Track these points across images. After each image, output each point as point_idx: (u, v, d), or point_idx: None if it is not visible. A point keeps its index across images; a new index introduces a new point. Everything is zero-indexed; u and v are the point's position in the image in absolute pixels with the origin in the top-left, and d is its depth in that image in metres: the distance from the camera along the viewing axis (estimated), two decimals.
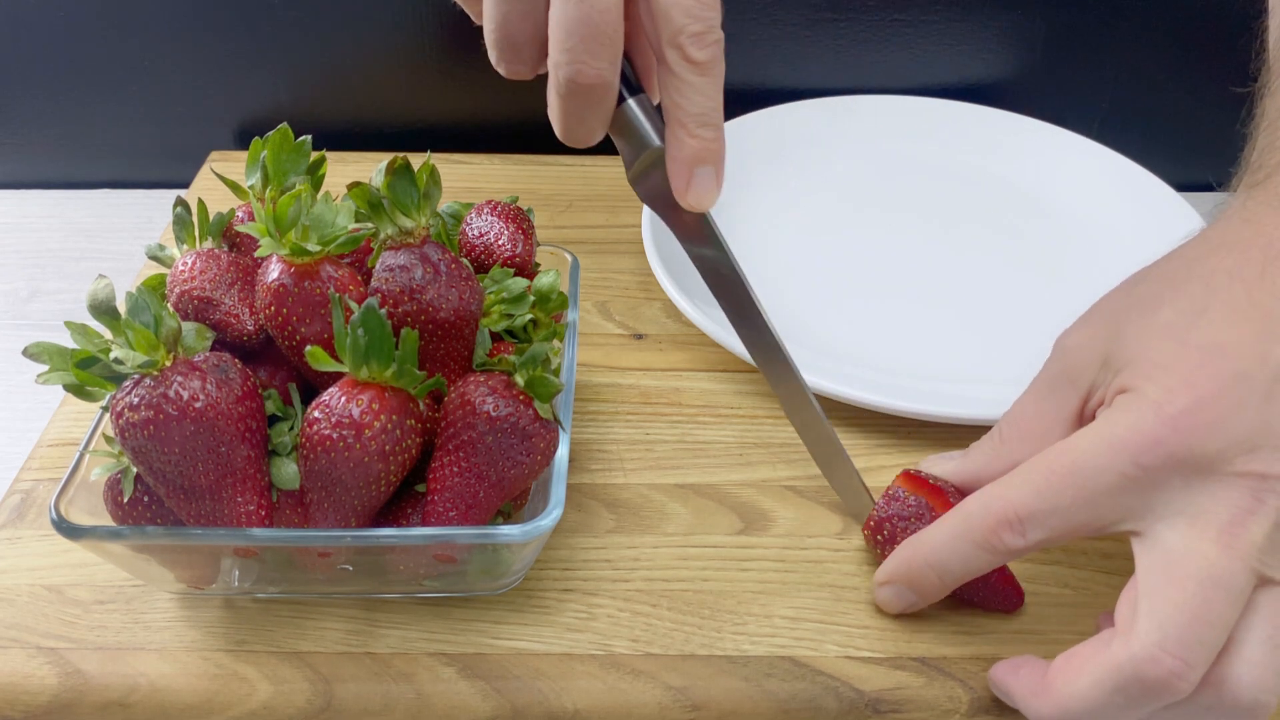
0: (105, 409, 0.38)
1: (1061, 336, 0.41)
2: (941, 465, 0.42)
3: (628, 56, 0.39)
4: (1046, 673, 0.36)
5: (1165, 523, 0.35)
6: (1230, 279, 0.36)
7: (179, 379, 0.35)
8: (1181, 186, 0.62)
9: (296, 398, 0.40)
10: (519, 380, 0.38)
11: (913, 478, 0.42)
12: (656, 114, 0.40)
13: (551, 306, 0.45)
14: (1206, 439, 0.34)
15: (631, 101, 0.40)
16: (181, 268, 0.41)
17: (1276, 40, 0.47)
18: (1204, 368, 0.35)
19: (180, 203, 0.42)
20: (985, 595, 0.41)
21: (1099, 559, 0.44)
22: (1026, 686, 0.37)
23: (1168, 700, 0.33)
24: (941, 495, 0.41)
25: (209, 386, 0.36)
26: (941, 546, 0.38)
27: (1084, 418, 0.39)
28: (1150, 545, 0.35)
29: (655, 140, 0.40)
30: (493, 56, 0.39)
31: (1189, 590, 0.33)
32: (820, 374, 0.49)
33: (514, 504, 0.41)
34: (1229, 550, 0.33)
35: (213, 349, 0.38)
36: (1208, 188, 0.70)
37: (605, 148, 0.71)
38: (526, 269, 0.46)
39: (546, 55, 0.37)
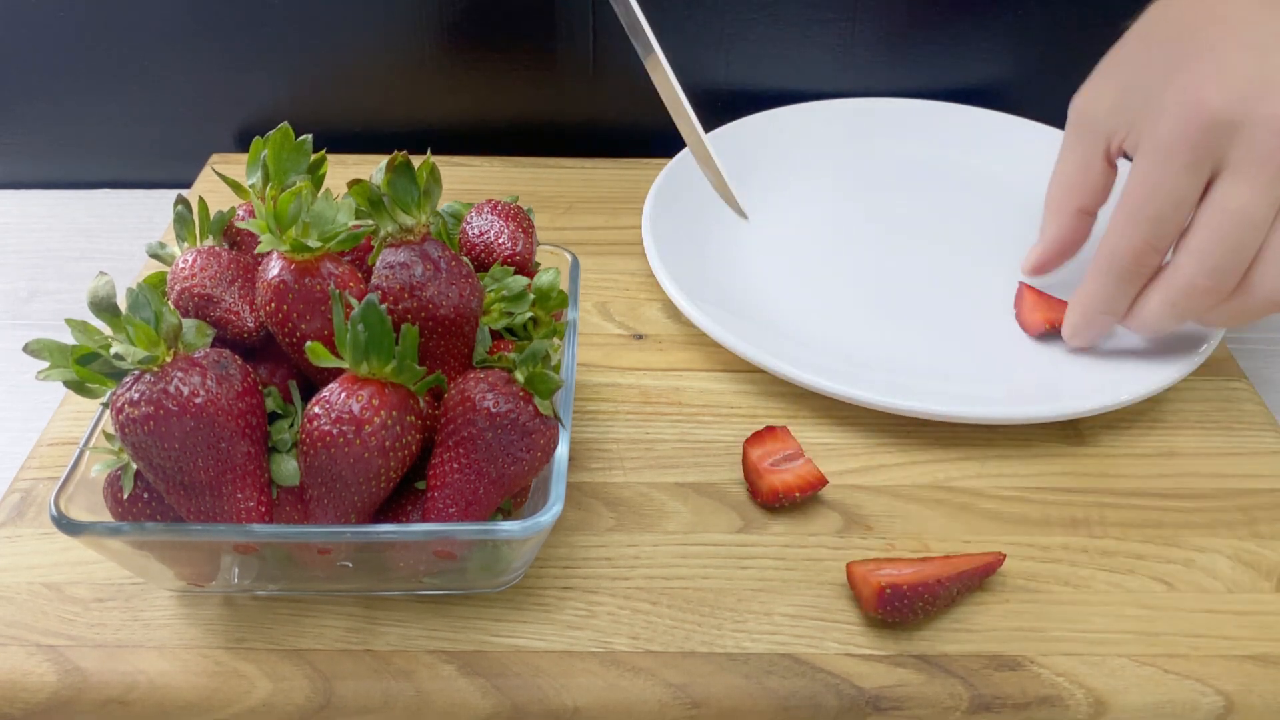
0: (105, 406, 0.38)
1: (1074, 99, 0.50)
2: (1032, 258, 0.54)
3: None
4: (1137, 303, 0.48)
5: (1219, 177, 0.44)
6: (1197, 10, 0.47)
7: (179, 375, 0.35)
8: None
9: (296, 394, 0.40)
10: (519, 377, 0.38)
11: (752, 440, 0.47)
12: None
13: (551, 305, 0.45)
14: (1223, 102, 0.43)
15: None
16: (182, 265, 0.41)
17: None
18: (1198, 69, 0.44)
19: (181, 200, 0.42)
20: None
21: (1099, 557, 0.44)
22: (1128, 318, 0.49)
23: (1212, 305, 0.46)
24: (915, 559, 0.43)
25: (209, 382, 0.36)
26: (1104, 295, 0.48)
27: (1110, 157, 0.50)
28: (1206, 199, 0.44)
29: None
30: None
31: (1220, 228, 0.43)
32: (821, 373, 0.49)
33: (514, 501, 0.41)
34: (1254, 187, 0.43)
35: (213, 346, 0.38)
36: None
37: (606, 150, 0.71)
38: (527, 267, 0.46)
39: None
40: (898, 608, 0.40)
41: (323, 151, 0.42)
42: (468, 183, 0.67)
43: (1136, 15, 0.50)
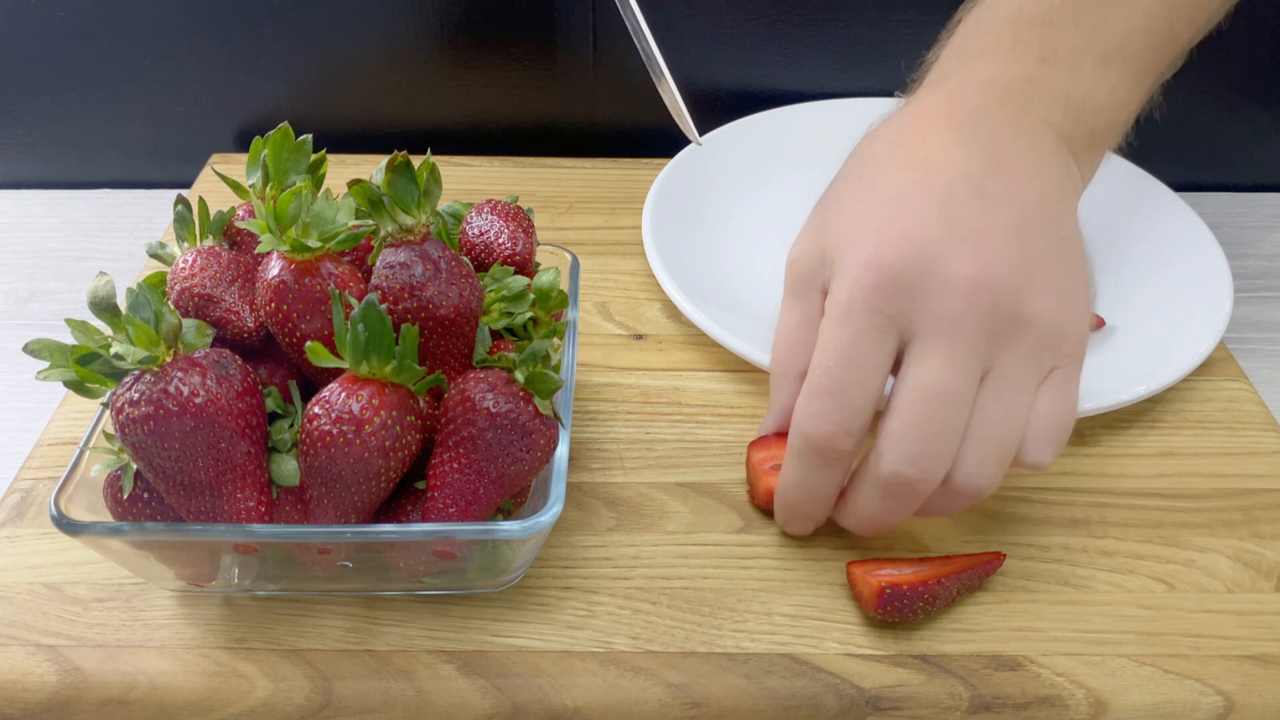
0: (105, 406, 0.38)
1: (788, 255, 0.45)
2: (764, 427, 0.46)
3: None
4: (843, 498, 0.42)
5: (910, 346, 0.39)
6: (891, 148, 0.44)
7: (179, 375, 0.35)
8: (1179, 186, 0.62)
9: (296, 395, 0.40)
10: (519, 377, 0.38)
11: (756, 444, 0.46)
12: None
13: (551, 305, 0.45)
14: (906, 260, 0.38)
15: None
16: (182, 265, 0.41)
17: None
18: (883, 218, 0.40)
19: (181, 200, 0.42)
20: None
21: (1099, 557, 0.44)
22: (838, 512, 0.43)
23: (921, 498, 0.39)
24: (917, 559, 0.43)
25: (209, 382, 0.36)
26: (799, 483, 0.41)
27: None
28: (900, 373, 0.39)
29: None
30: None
31: (918, 408, 0.38)
32: None
33: (514, 501, 0.41)
34: (949, 359, 0.38)
35: (213, 346, 0.38)
36: (1206, 188, 0.70)
37: (606, 150, 0.71)
38: (527, 267, 0.46)
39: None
40: (898, 608, 0.40)
41: (322, 152, 0.42)
42: (468, 183, 0.67)
43: None
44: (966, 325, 0.37)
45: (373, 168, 0.39)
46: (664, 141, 0.64)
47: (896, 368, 0.39)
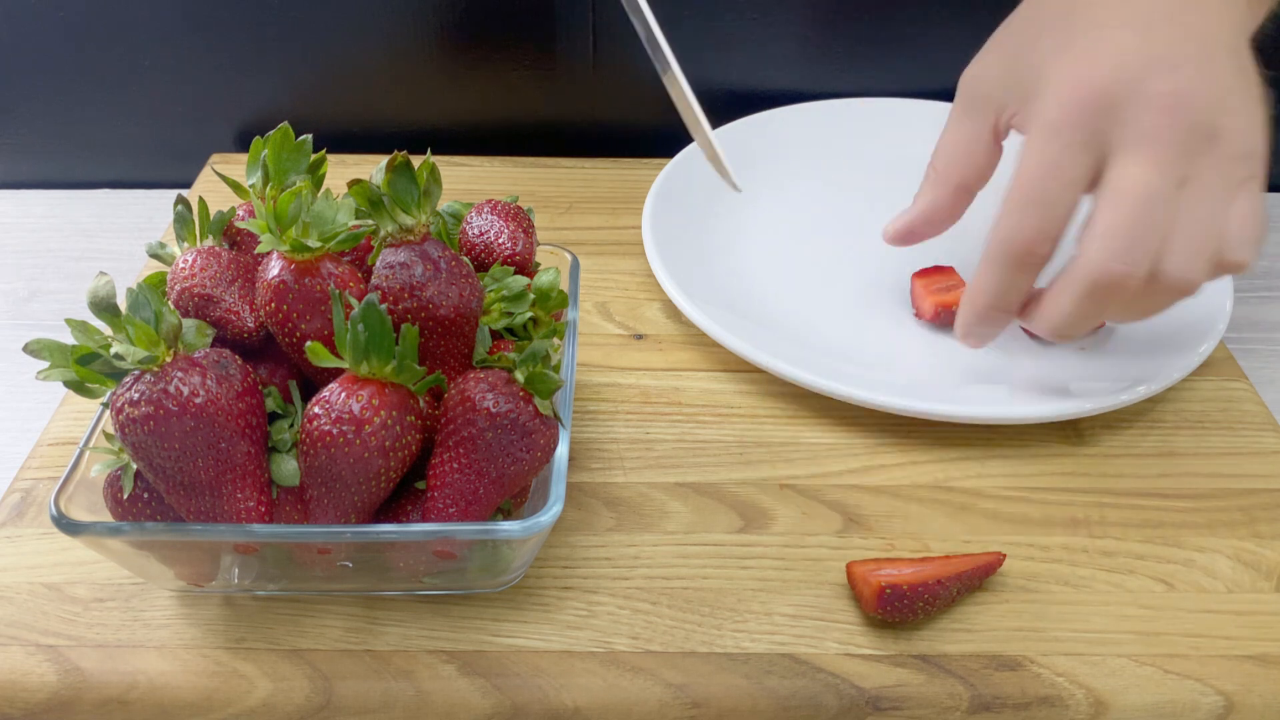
0: (105, 406, 0.38)
1: (965, 72, 0.48)
2: (899, 222, 0.50)
3: None
4: (1037, 302, 0.45)
5: (1111, 159, 0.41)
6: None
7: (179, 375, 0.35)
8: None
9: (296, 395, 0.40)
10: (519, 377, 0.38)
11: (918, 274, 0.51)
12: None
13: (551, 305, 0.45)
14: (1109, 79, 0.41)
15: None
16: (182, 265, 0.41)
17: None
18: (1087, 48, 0.43)
19: (181, 200, 0.42)
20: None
21: (1100, 557, 0.44)
22: (1023, 317, 0.46)
23: (1128, 295, 0.42)
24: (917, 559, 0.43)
25: (209, 382, 0.36)
26: (995, 287, 0.44)
27: (999, 133, 0.47)
28: (1102, 183, 0.42)
29: None
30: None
31: (1126, 208, 0.41)
32: (821, 373, 0.49)
33: (514, 501, 0.41)
34: (1154, 165, 0.40)
35: (213, 346, 0.38)
36: None
37: (605, 150, 0.71)
38: (527, 267, 0.46)
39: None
40: (898, 608, 0.40)
41: (323, 152, 0.42)
42: (468, 183, 0.67)
43: None
44: (1167, 135, 0.40)
45: (373, 168, 0.39)
46: (664, 141, 0.64)
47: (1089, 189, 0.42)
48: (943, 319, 0.54)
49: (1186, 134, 0.40)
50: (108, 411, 0.36)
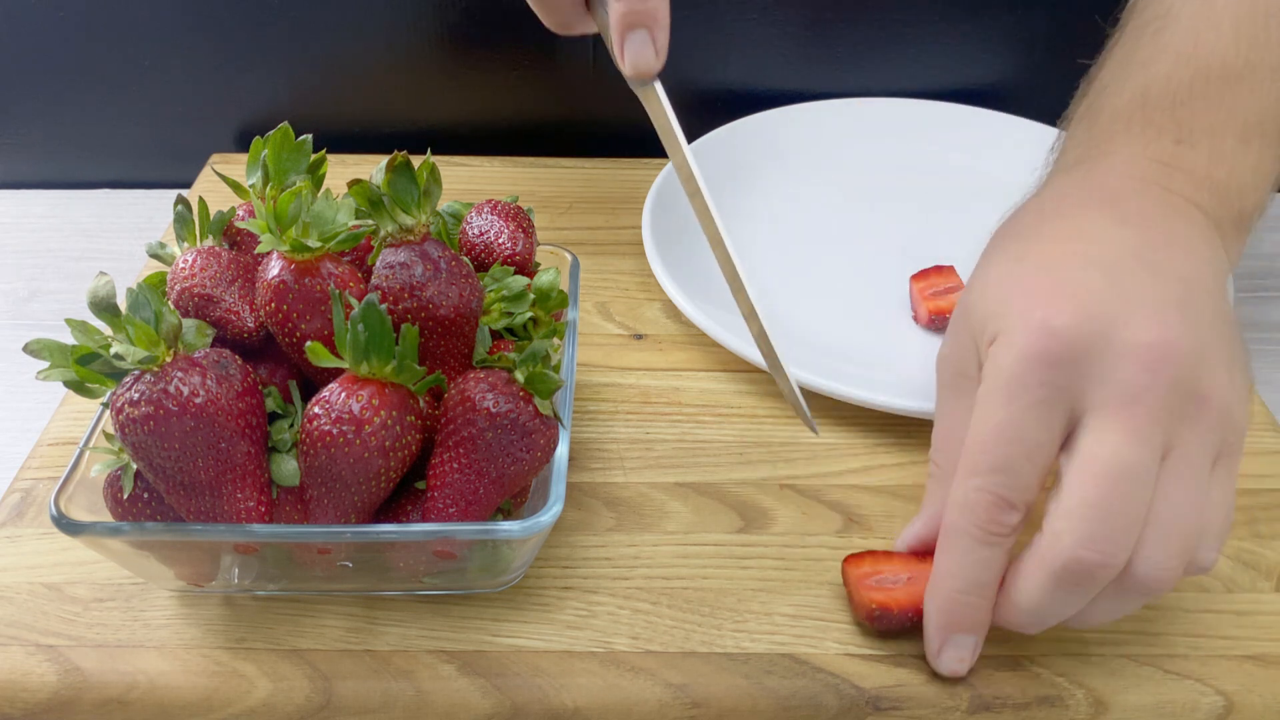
0: (105, 406, 0.38)
1: (938, 354, 0.42)
2: (908, 533, 0.41)
3: None
4: (1004, 588, 0.37)
5: (1084, 419, 0.35)
6: (1034, 226, 0.41)
7: (179, 375, 0.35)
8: None
9: (296, 395, 0.40)
10: (519, 377, 0.38)
11: (851, 559, 0.42)
12: None
13: (551, 305, 0.45)
14: (1078, 327, 0.35)
15: None
16: (182, 265, 0.41)
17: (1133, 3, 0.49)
18: (1047, 288, 0.37)
19: (181, 200, 0.42)
20: None
21: None
22: (998, 606, 0.38)
23: (1100, 585, 0.35)
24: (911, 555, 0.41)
25: (209, 382, 0.36)
26: (957, 569, 0.37)
27: None
28: (1071, 449, 0.36)
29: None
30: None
31: (1100, 484, 0.34)
32: (821, 373, 0.49)
33: (514, 502, 0.41)
34: (1130, 432, 0.34)
35: (213, 346, 0.38)
36: None
37: (606, 150, 0.71)
38: (527, 267, 0.46)
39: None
40: (889, 626, 0.40)
41: (322, 151, 0.42)
42: (468, 183, 0.67)
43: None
44: (1149, 398, 0.34)
45: (373, 168, 0.39)
46: None
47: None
48: (938, 324, 0.54)
49: (1170, 394, 0.34)
50: (108, 411, 0.36)
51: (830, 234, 0.63)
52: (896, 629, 0.40)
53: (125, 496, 0.38)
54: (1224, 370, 0.36)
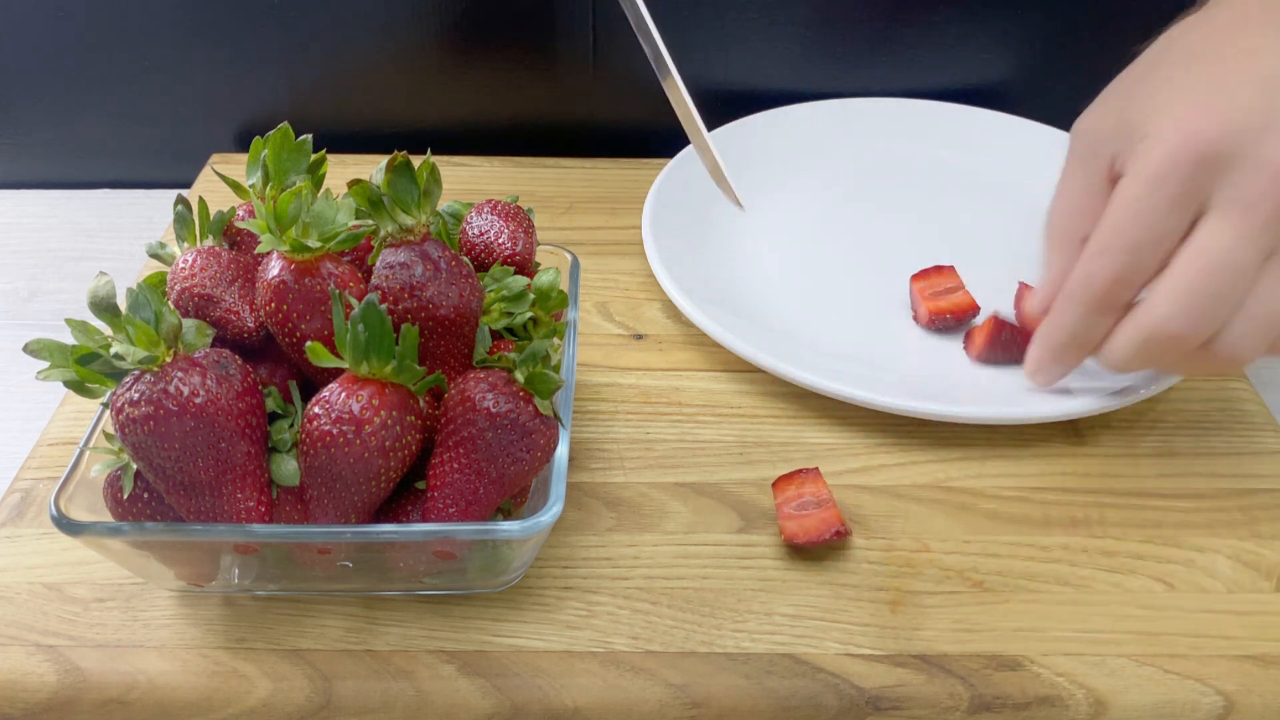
0: (105, 406, 0.38)
1: (1078, 121, 0.46)
2: (1036, 299, 0.47)
3: None
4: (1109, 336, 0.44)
5: (1206, 215, 0.40)
6: (1206, 39, 0.44)
7: (179, 375, 0.35)
8: None
9: (296, 395, 0.40)
10: (519, 377, 0.38)
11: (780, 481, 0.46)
12: None
13: (551, 305, 0.45)
14: (1221, 136, 0.39)
15: None
16: (182, 265, 0.41)
17: None
18: (1201, 93, 0.41)
19: (181, 200, 0.42)
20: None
21: (1100, 557, 0.44)
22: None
23: (1181, 353, 0.41)
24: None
25: (209, 382, 0.36)
26: (1072, 324, 0.44)
27: (1115, 182, 0.44)
28: (1190, 238, 0.40)
29: None
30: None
31: (1201, 270, 0.40)
32: (821, 373, 0.49)
33: (514, 502, 0.41)
34: (1241, 232, 0.39)
35: (213, 346, 0.38)
36: None
37: (605, 150, 0.71)
38: (527, 267, 0.46)
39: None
40: (802, 550, 0.44)
41: (322, 151, 0.42)
42: (468, 183, 0.67)
43: (1131, 16, 0.50)
44: (1267, 205, 0.39)
45: (373, 168, 0.39)
46: (664, 141, 0.64)
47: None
48: (938, 325, 0.54)
49: None
50: (108, 411, 0.36)
51: (830, 234, 0.63)
52: (811, 552, 0.44)
53: (125, 496, 0.38)
54: None
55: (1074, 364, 0.46)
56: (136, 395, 0.35)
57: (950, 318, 0.54)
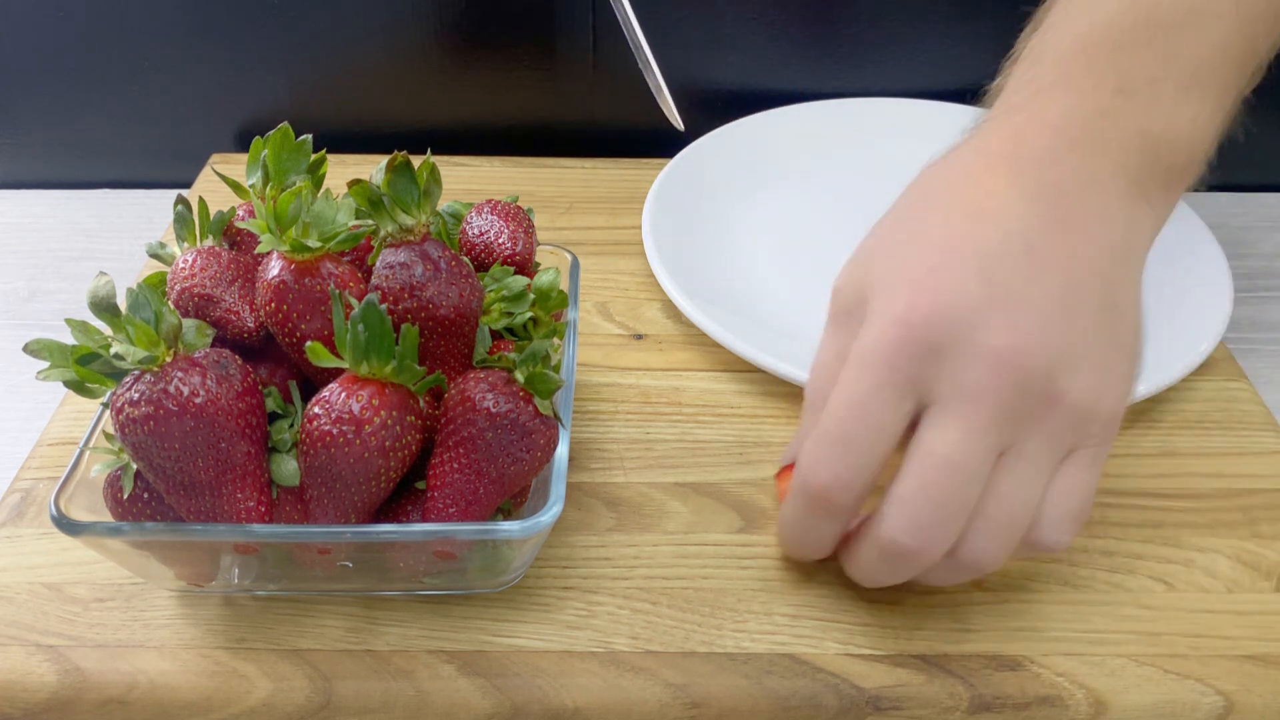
0: (105, 406, 0.38)
1: (835, 279, 0.42)
2: (785, 455, 0.43)
3: None
4: (845, 545, 0.40)
5: (928, 414, 0.36)
6: (944, 189, 0.41)
7: (179, 375, 0.35)
8: None
9: (296, 395, 0.40)
10: (519, 377, 0.38)
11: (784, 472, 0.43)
12: None
13: (551, 305, 0.45)
14: (938, 324, 0.35)
15: None
16: (182, 265, 0.41)
17: None
18: (924, 267, 0.37)
19: (181, 200, 0.42)
20: None
21: (1099, 556, 0.44)
22: (842, 556, 0.41)
23: (922, 567, 0.37)
24: None
25: (209, 382, 0.36)
26: (797, 526, 0.40)
27: None
28: (915, 437, 0.37)
29: None
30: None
31: (928, 477, 0.36)
32: None
33: (514, 502, 0.41)
34: (967, 432, 0.35)
35: (213, 346, 0.38)
36: (1206, 188, 0.70)
37: (605, 150, 0.71)
38: (527, 267, 0.46)
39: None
40: None
41: (322, 151, 0.42)
42: (467, 183, 0.67)
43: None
44: (990, 399, 0.35)
45: (373, 168, 0.39)
46: (664, 141, 0.64)
47: (911, 431, 0.37)
48: None
49: (1013, 397, 0.35)
50: (108, 411, 0.36)
51: (830, 234, 0.62)
52: None
53: (125, 496, 0.38)
54: (1089, 369, 0.36)
55: (816, 557, 0.42)
56: (136, 395, 0.35)
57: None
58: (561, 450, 0.39)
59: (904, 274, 0.37)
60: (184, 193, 0.44)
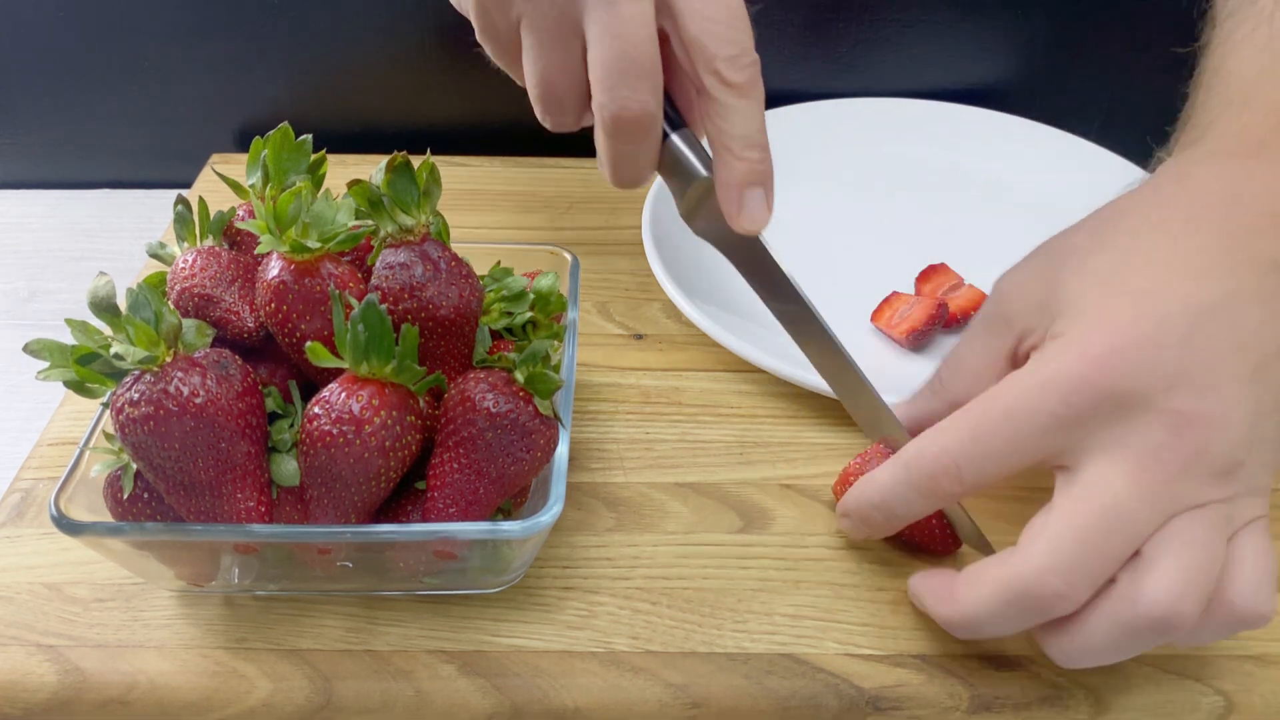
0: (105, 406, 0.38)
1: (1000, 279, 0.42)
2: (899, 411, 0.43)
3: (669, 96, 0.41)
4: (954, 582, 0.38)
5: (1088, 456, 0.35)
6: (1155, 232, 0.38)
7: (179, 375, 0.35)
8: None
9: (296, 395, 0.40)
10: (519, 377, 0.38)
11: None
12: (701, 147, 0.41)
13: (551, 308, 0.45)
14: (1129, 378, 0.35)
15: (675, 136, 0.41)
16: (182, 265, 0.41)
17: None
18: (1127, 311, 0.36)
19: (181, 200, 0.42)
20: (923, 537, 0.43)
21: None
22: (936, 593, 0.39)
23: (1056, 615, 0.35)
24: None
25: (209, 382, 0.36)
26: (885, 490, 0.39)
27: (1017, 358, 0.40)
28: (1071, 478, 0.36)
29: (702, 171, 0.41)
30: (539, 113, 0.42)
31: (1089, 519, 0.34)
32: None
33: (514, 502, 0.41)
34: (1138, 485, 0.34)
35: (213, 346, 0.38)
36: None
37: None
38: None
39: (589, 104, 0.39)
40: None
41: (322, 152, 0.42)
42: (467, 183, 0.67)
43: (1131, 17, 0.50)
44: (1171, 460, 0.34)
45: (373, 168, 0.39)
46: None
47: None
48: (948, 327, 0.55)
49: (1192, 461, 0.34)
50: (108, 411, 0.36)
51: (830, 234, 0.62)
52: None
53: (125, 496, 0.38)
54: (1269, 447, 0.35)
55: (878, 532, 0.42)
56: (136, 395, 0.35)
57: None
58: (561, 450, 0.39)
59: (1104, 312, 0.37)
60: (184, 193, 0.44)
